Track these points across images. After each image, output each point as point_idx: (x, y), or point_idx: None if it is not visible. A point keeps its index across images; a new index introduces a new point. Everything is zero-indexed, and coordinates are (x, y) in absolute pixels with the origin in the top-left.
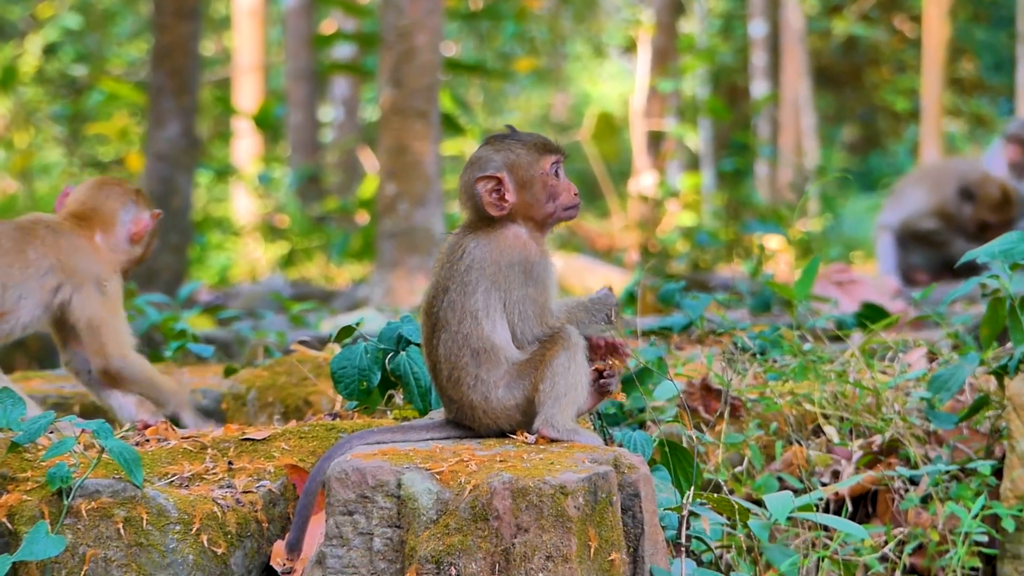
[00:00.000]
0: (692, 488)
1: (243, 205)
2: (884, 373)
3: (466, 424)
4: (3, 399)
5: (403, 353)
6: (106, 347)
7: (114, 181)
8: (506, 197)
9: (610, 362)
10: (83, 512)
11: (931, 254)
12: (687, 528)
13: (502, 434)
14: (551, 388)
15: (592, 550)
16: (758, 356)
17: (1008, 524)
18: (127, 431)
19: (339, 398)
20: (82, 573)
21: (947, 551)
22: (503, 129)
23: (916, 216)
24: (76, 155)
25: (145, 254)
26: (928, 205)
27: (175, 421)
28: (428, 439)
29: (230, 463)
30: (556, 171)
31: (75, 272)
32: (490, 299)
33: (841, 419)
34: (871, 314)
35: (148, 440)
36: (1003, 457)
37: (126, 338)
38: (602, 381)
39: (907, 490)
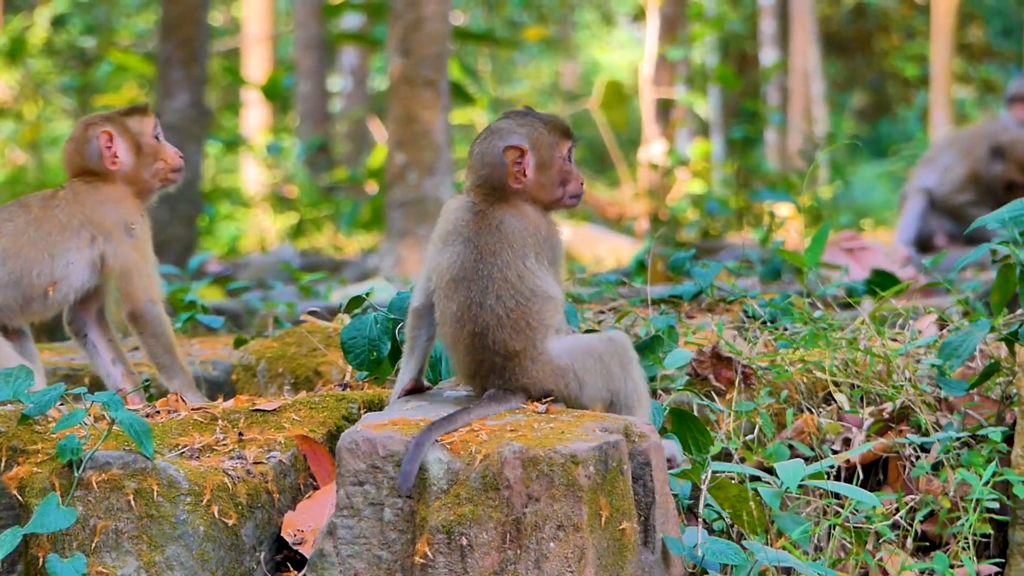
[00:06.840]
0: (703, 456)
1: (252, 176)
2: (895, 340)
3: (515, 384)
4: (12, 371)
5: None
6: (137, 291)
7: (79, 125)
8: (526, 172)
9: None
10: (93, 484)
11: (964, 221)
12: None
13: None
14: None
15: (603, 519)
16: (768, 324)
17: (1019, 491)
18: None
19: (349, 368)
20: (93, 545)
21: (958, 518)
22: (519, 107)
23: (951, 182)
24: None
25: (144, 166)
26: (962, 167)
27: None
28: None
29: (240, 434)
30: (570, 156)
31: (102, 222)
32: (539, 263)
33: (852, 386)
34: (881, 281)
35: (158, 412)
36: (1014, 423)
37: (156, 284)
38: None
39: (918, 457)
